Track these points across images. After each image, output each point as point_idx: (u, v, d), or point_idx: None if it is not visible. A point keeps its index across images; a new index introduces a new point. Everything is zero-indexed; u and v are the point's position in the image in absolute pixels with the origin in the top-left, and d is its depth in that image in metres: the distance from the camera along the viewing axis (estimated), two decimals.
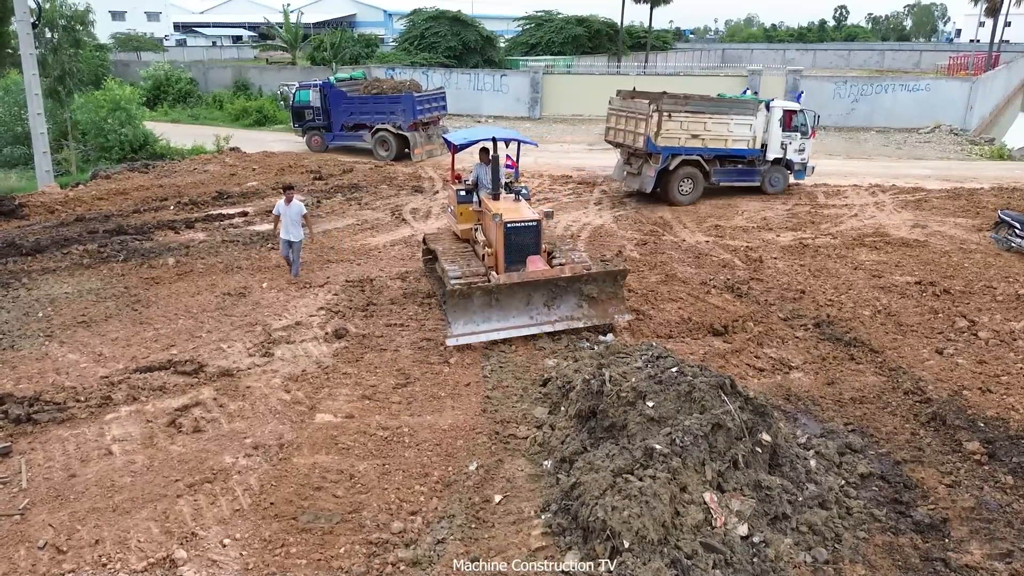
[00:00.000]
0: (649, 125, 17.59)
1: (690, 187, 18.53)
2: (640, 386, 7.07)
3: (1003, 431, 7.90)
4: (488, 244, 11.01)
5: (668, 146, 17.85)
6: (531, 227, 10.63)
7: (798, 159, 19.42)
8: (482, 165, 12.07)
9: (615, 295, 10.48)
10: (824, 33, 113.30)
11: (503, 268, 10.44)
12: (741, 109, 18.53)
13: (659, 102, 17.61)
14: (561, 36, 51.47)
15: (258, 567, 5.75)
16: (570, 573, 5.64)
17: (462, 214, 11.95)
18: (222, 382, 8.78)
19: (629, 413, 6.92)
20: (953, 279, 12.64)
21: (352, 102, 24.95)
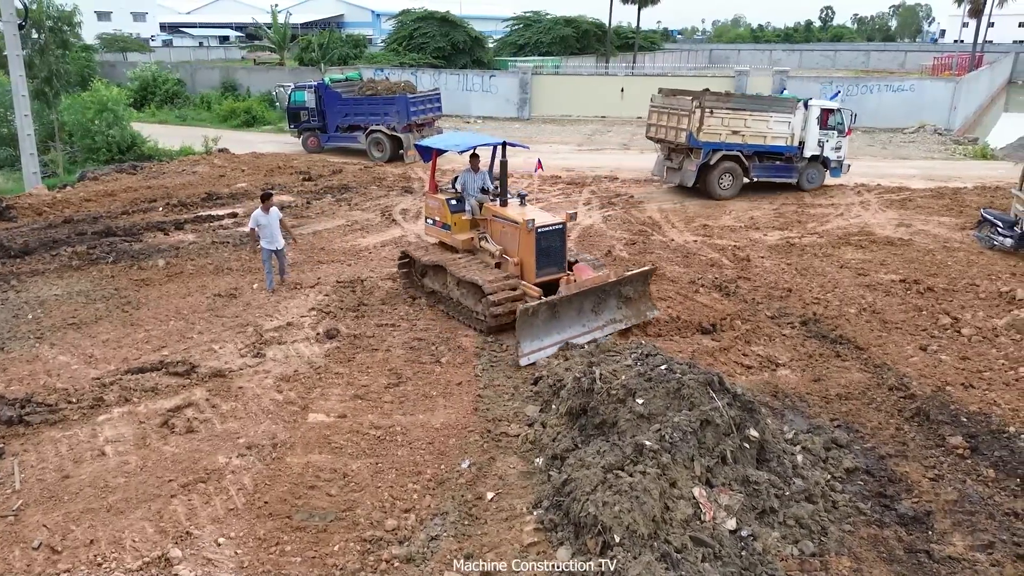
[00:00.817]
0: (692, 121, 18.25)
1: (730, 181, 19.13)
2: (630, 383, 7.17)
3: (985, 426, 8.06)
4: (507, 252, 10.65)
5: (709, 141, 18.45)
6: (558, 230, 10.47)
7: (834, 156, 19.93)
8: (470, 172, 11.71)
9: (645, 292, 10.60)
10: (810, 33, 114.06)
11: (534, 275, 10.32)
12: (780, 107, 19.16)
13: (702, 99, 18.27)
14: (549, 37, 51.56)
15: (253, 565, 5.80)
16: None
17: (456, 224, 11.39)
18: (214, 383, 8.82)
19: (619, 410, 7.01)
20: (937, 277, 12.83)
21: (347, 103, 24.92)
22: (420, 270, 11.91)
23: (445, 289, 11.20)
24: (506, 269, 10.55)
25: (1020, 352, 9.92)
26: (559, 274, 10.50)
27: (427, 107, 24.94)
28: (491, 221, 11.02)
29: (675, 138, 18.98)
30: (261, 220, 11.94)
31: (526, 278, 10.40)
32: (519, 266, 10.46)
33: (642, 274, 10.53)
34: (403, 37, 44.14)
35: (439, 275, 11.35)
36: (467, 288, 10.58)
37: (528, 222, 10.09)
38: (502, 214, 10.79)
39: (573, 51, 51.66)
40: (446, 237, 11.60)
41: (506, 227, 10.69)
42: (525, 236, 10.22)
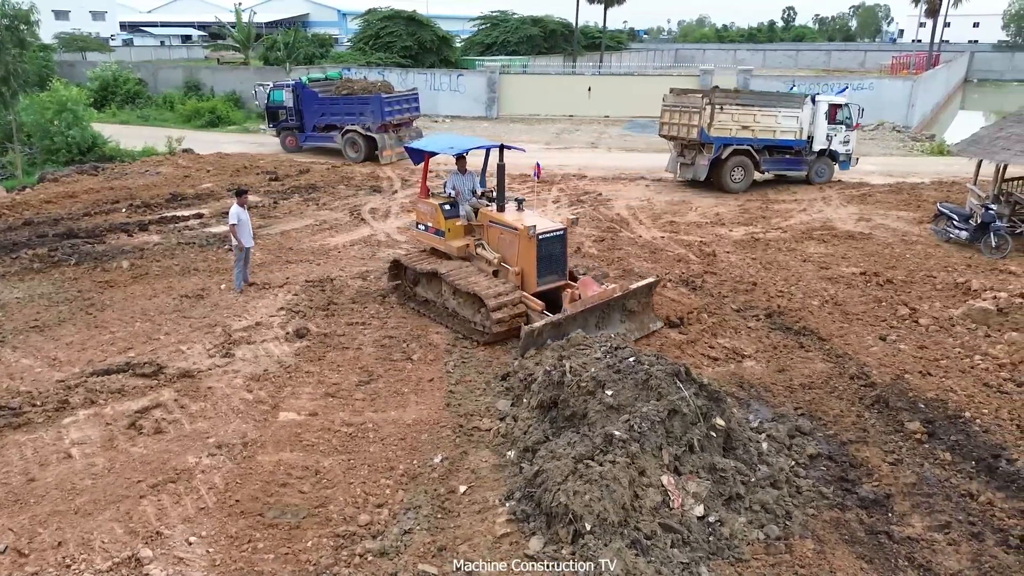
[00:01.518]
0: (703, 117, 18.98)
1: (741, 175, 19.84)
2: (600, 376, 7.28)
3: (942, 411, 8.33)
4: (506, 260, 10.21)
5: (720, 136, 19.18)
6: (559, 237, 10.06)
7: (843, 150, 20.65)
8: (457, 174, 11.29)
9: (648, 304, 10.34)
10: (773, 33, 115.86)
11: (535, 284, 9.94)
12: (788, 102, 19.89)
13: (712, 95, 19.10)
14: (516, 36, 51.64)
15: (225, 563, 5.78)
16: (534, 557, 5.80)
17: (450, 230, 10.86)
18: (182, 383, 8.74)
19: (589, 402, 7.12)
20: (896, 269, 13.18)
21: (323, 103, 24.65)
22: (412, 278, 11.45)
23: (440, 298, 10.77)
24: (505, 277, 10.14)
25: (975, 341, 10.26)
26: (560, 281, 10.18)
27: (403, 107, 24.46)
28: (487, 227, 10.57)
29: (687, 134, 19.73)
30: (242, 216, 11.87)
31: (526, 287, 10.00)
32: (519, 275, 10.03)
33: (646, 286, 10.27)
34: (369, 36, 43.88)
35: (433, 284, 10.90)
36: (465, 298, 10.16)
37: (529, 228, 9.67)
38: (500, 220, 10.34)
39: (540, 51, 51.82)
40: (439, 244, 11.01)
41: (504, 233, 10.22)
42: (525, 243, 9.78)
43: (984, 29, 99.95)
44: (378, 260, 13.75)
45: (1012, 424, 8.08)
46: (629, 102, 36.18)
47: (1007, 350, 9.89)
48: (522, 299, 9.78)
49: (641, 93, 36.74)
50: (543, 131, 32.03)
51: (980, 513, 6.62)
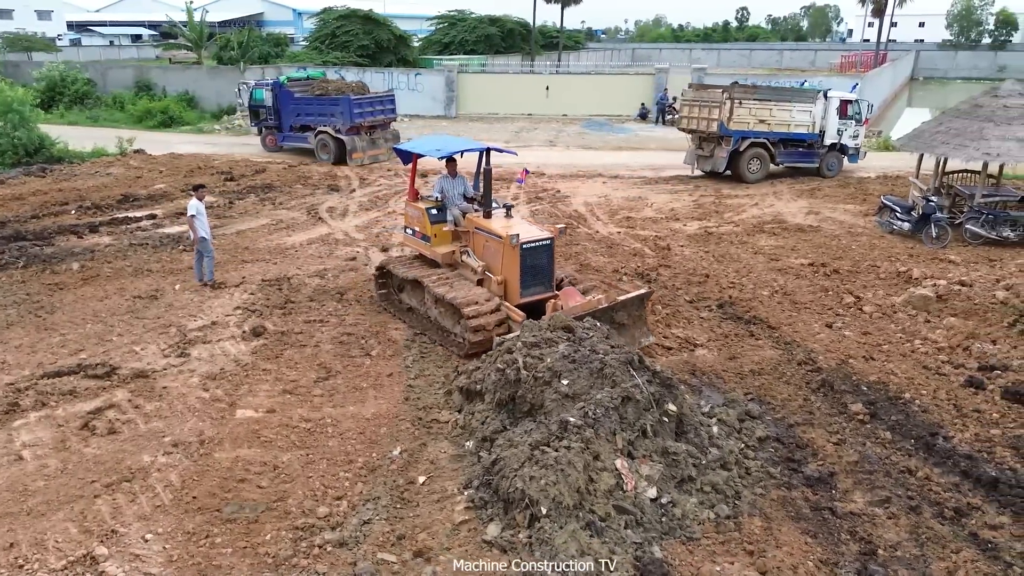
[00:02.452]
0: (722, 112, 20.09)
1: (758, 166, 20.86)
2: (555, 366, 7.42)
3: (883, 393, 8.68)
4: (490, 269, 9.77)
5: (738, 130, 20.28)
6: (545, 246, 9.54)
7: (852, 144, 21.58)
8: (446, 177, 10.78)
9: (640, 318, 9.73)
10: (728, 33, 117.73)
11: (518, 295, 9.46)
12: (802, 98, 20.93)
13: (731, 91, 20.20)
14: (474, 35, 51.72)
15: (182, 558, 5.78)
16: (492, 542, 5.92)
17: (436, 236, 10.46)
18: (136, 383, 8.64)
19: (545, 392, 7.26)
20: (842, 260, 13.63)
21: (299, 103, 24.23)
22: (398, 285, 11.05)
23: (423, 307, 10.39)
24: (488, 287, 9.68)
25: (915, 326, 10.69)
26: (545, 293, 9.62)
27: (376, 109, 23.79)
28: (474, 234, 10.11)
29: (706, 128, 20.71)
30: (201, 208, 12.02)
31: (510, 298, 9.51)
32: (502, 284, 9.56)
33: (637, 298, 9.66)
34: (325, 35, 43.52)
35: (417, 291, 10.51)
36: (445, 308, 9.78)
37: (512, 237, 9.18)
38: (485, 227, 9.84)
39: (498, 50, 51.98)
40: (425, 249, 10.66)
41: (489, 241, 9.75)
42: (509, 252, 9.32)
43: (930, 29, 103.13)
44: (335, 259, 13.73)
45: (949, 404, 8.47)
46: (586, 101, 36.57)
47: (945, 334, 10.33)
48: (503, 309, 9.32)
49: (598, 92, 37.23)
50: (502, 129, 32.15)
51: (918, 488, 6.94)
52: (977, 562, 5.97)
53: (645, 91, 36.12)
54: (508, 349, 7.87)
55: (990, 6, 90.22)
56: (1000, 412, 8.32)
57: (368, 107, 23.58)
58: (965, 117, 15.40)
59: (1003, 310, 11.12)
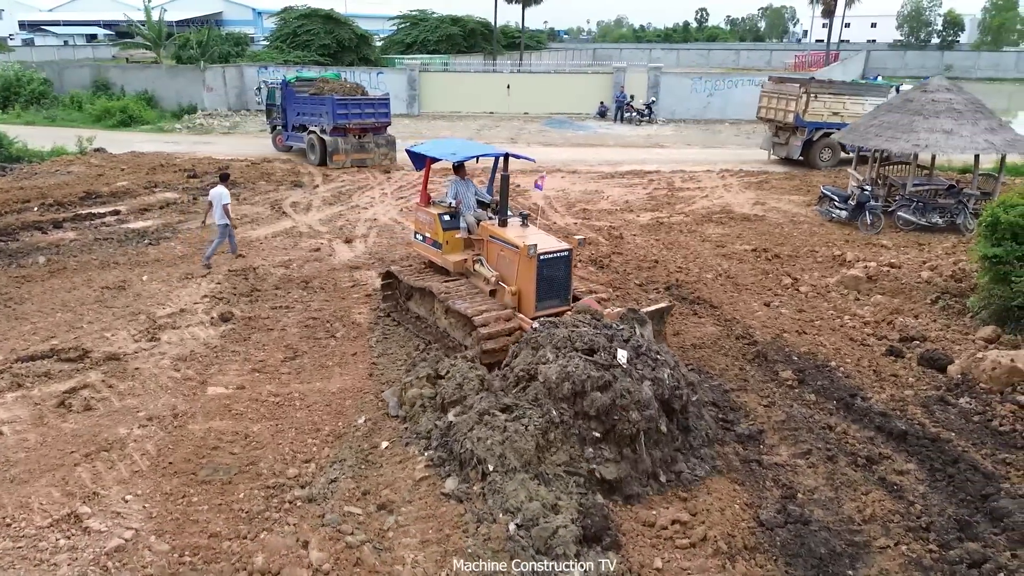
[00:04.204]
0: (799, 104, 22.16)
1: (829, 155, 22.59)
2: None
3: (812, 362, 9.45)
4: (504, 279, 9.33)
5: (813, 121, 22.39)
6: (563, 258, 9.10)
7: None
8: (460, 181, 10.32)
9: (659, 332, 9.36)
10: (688, 34, 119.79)
11: (533, 308, 9.01)
12: (875, 92, 22.85)
13: (808, 85, 22.03)
14: (436, 35, 52.13)
15: (161, 515, 6.22)
16: (450, 494, 6.49)
17: (448, 243, 10.03)
18: (109, 365, 9.00)
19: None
20: (783, 246, 14.47)
21: (298, 102, 24.01)
22: (405, 292, 10.68)
23: (432, 316, 10.04)
24: (501, 298, 9.29)
25: (846, 304, 11.52)
26: (561, 307, 9.19)
27: (365, 112, 22.94)
28: (488, 242, 9.66)
29: (783, 118, 22.59)
30: (226, 195, 13.07)
31: (524, 310, 9.07)
32: (516, 296, 9.15)
33: (657, 312, 9.36)
34: (286, 35, 43.59)
35: (426, 299, 10.11)
36: (456, 318, 9.42)
37: (529, 247, 8.76)
38: (500, 235, 9.39)
39: (460, 50, 52.44)
40: (436, 257, 10.23)
41: (504, 250, 9.31)
42: (525, 263, 8.91)
43: (881, 29, 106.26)
44: (300, 250, 14.15)
45: (870, 370, 9.27)
46: (547, 99, 37.29)
47: (872, 311, 11.17)
48: (516, 320, 8.93)
49: (559, 90, 37.97)
50: (464, 127, 32.67)
51: (836, 441, 7.68)
52: (883, 501, 6.70)
53: (604, 90, 36.97)
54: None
55: (938, 7, 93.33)
56: (915, 377, 9.14)
57: (356, 109, 22.82)
58: (897, 111, 16.38)
59: (926, 289, 12.03)
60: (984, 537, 6.17)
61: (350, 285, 12.24)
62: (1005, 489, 6.81)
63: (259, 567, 5.60)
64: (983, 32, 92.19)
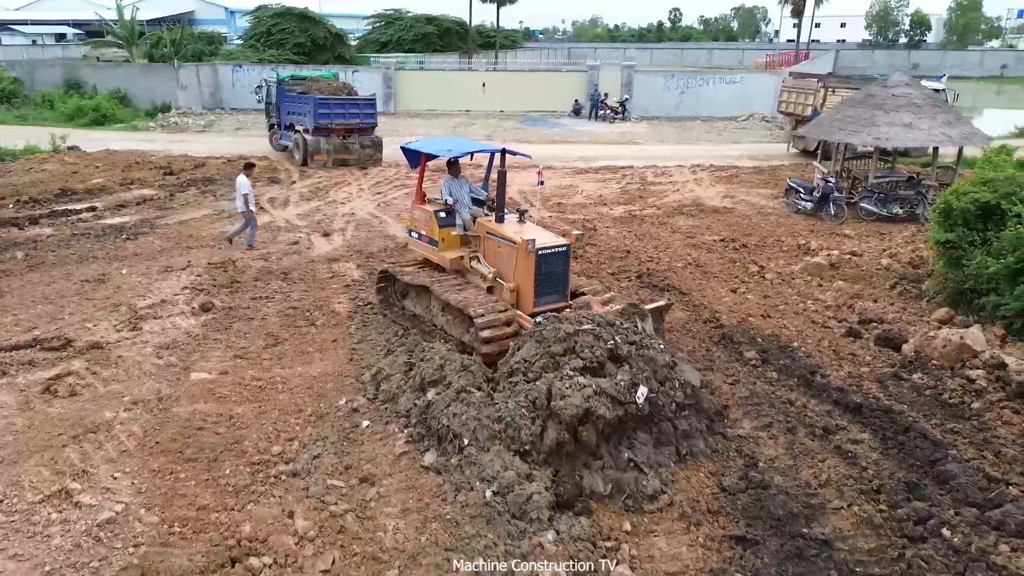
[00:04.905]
0: (816, 98, 22.91)
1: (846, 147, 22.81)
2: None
3: (775, 343, 9.88)
4: (501, 276, 9.27)
5: None
6: (562, 253, 9.05)
7: None
8: (452, 179, 10.38)
9: (658, 330, 9.37)
10: (663, 34, 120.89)
11: (532, 304, 8.95)
12: None
13: (826, 80, 23.32)
14: (411, 34, 52.32)
15: (150, 490, 6.45)
16: (429, 467, 6.79)
17: (444, 240, 9.99)
18: (92, 354, 9.16)
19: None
20: (751, 236, 14.94)
21: (288, 101, 23.75)
22: (401, 290, 10.71)
23: (429, 314, 10.00)
24: (499, 294, 9.23)
25: (809, 289, 11.99)
26: (560, 303, 9.15)
27: (349, 112, 22.64)
28: (485, 239, 9.60)
29: (802, 112, 23.49)
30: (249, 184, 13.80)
31: (523, 306, 9.00)
32: (515, 292, 9.08)
33: (657, 309, 9.45)
34: (261, 33, 43.53)
35: (423, 297, 10.11)
36: (454, 315, 9.36)
37: (528, 242, 8.69)
38: (498, 232, 9.35)
39: (435, 48, 52.67)
40: (432, 254, 10.22)
41: (502, 247, 9.26)
42: (523, 258, 8.84)
43: (851, 29, 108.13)
44: (279, 243, 14.34)
45: (829, 350, 9.72)
46: (523, 97, 37.64)
47: (834, 295, 11.65)
48: (516, 318, 8.83)
49: (534, 89, 38.34)
50: (440, 125, 32.91)
51: (796, 414, 8.09)
52: (838, 467, 7.12)
53: (579, 88, 37.41)
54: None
55: (906, 7, 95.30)
56: (872, 355, 9.61)
57: (339, 109, 22.50)
58: (859, 106, 16.95)
59: (886, 275, 12.54)
60: (931, 497, 6.60)
61: (329, 276, 12.48)
62: (951, 455, 7.26)
63: (247, 535, 5.86)
64: (949, 32, 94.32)
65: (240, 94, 37.87)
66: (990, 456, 7.29)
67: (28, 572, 5.42)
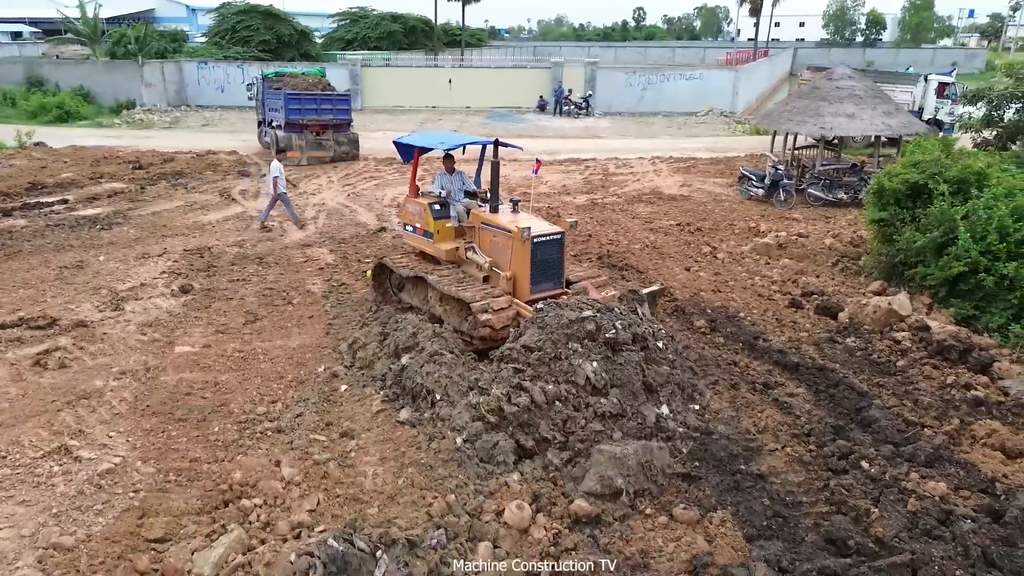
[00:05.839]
0: None
1: (862, 137, 23.12)
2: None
3: (723, 313, 10.66)
4: (497, 265, 9.41)
5: None
6: (556, 241, 9.26)
7: (947, 120, 24.72)
8: (444, 173, 10.59)
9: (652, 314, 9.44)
10: (627, 32, 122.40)
11: (528, 292, 9.10)
12: (905, 80, 24.94)
13: None
14: (377, 32, 52.51)
15: (145, 446, 6.95)
16: (404, 421, 7.40)
17: (440, 232, 10.12)
18: (78, 331, 9.57)
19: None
20: (705, 220, 15.77)
21: (268, 97, 23.57)
22: (397, 283, 10.86)
23: (426, 305, 10.08)
24: (496, 283, 9.35)
25: (757, 267, 12.83)
26: (555, 290, 9.31)
27: (322, 108, 22.48)
28: (480, 229, 9.79)
29: None
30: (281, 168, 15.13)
31: (519, 294, 9.13)
32: (511, 280, 9.23)
33: (651, 294, 9.71)
34: (225, 30, 43.46)
35: (419, 289, 10.24)
36: (451, 304, 9.45)
37: (523, 231, 8.84)
38: (493, 222, 9.55)
39: (401, 46, 52.93)
40: (427, 246, 10.34)
41: (497, 236, 9.44)
42: (519, 247, 9.01)
43: (809, 28, 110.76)
44: (252, 231, 14.77)
45: (772, 319, 10.54)
46: (489, 93, 38.22)
47: (780, 272, 12.50)
48: (513, 305, 8.95)
49: (500, 85, 38.95)
50: (407, 121, 33.36)
51: (740, 373, 8.86)
52: (775, 416, 7.89)
53: (543, 84, 38.13)
54: None
55: (861, 7, 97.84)
56: (812, 323, 10.45)
57: (311, 105, 22.35)
58: (806, 98, 17.91)
59: (829, 253, 13.45)
60: (854, 438, 7.40)
61: (303, 260, 12.98)
62: (875, 404, 8.08)
63: (238, 481, 6.40)
64: (903, 30, 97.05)
65: (206, 91, 37.92)
66: (909, 404, 8.14)
67: (37, 514, 5.90)
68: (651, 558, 5.89)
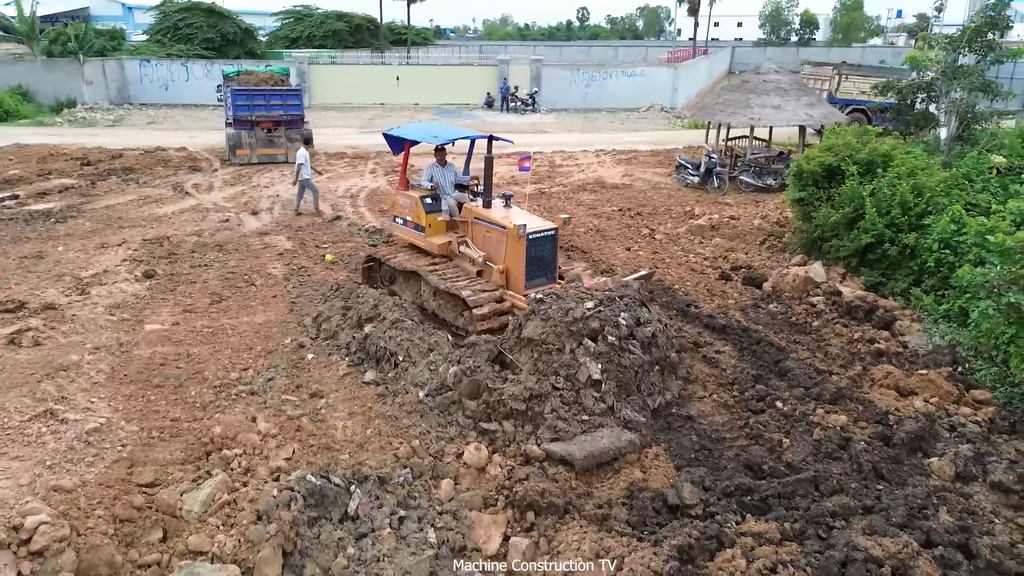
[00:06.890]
0: (831, 84, 26.36)
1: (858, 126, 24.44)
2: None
3: (660, 286, 11.60)
4: (491, 259, 9.59)
5: (844, 98, 26.12)
6: (550, 237, 9.50)
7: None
8: (436, 166, 10.76)
9: None
10: (572, 32, 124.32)
11: (522, 286, 9.31)
12: (897, 75, 24.95)
13: (839, 68, 26.07)
14: (322, 30, 52.50)
15: (126, 409, 7.46)
16: (369, 382, 8.07)
17: (431, 226, 10.25)
18: (47, 313, 9.92)
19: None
20: (645, 206, 16.77)
21: (229, 95, 22.74)
22: (388, 276, 10.98)
23: (419, 299, 10.23)
24: (489, 277, 9.55)
25: (691, 246, 13.85)
26: (548, 284, 9.49)
27: (272, 104, 22.07)
28: (472, 224, 9.94)
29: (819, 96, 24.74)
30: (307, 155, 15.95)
31: (513, 289, 9.37)
32: (504, 274, 9.43)
33: (641, 279, 10.09)
34: (167, 28, 42.99)
35: (411, 282, 10.40)
36: (446, 299, 9.64)
37: (519, 227, 9.04)
38: (486, 217, 9.72)
39: (346, 45, 53.01)
40: (419, 240, 10.41)
41: (491, 231, 9.62)
42: (514, 243, 9.18)
43: (747, 28, 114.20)
44: (210, 221, 15.15)
45: (704, 289, 11.55)
46: (436, 91, 38.81)
47: (712, 250, 13.54)
48: (508, 298, 9.23)
49: (448, 82, 39.58)
50: (356, 118, 33.73)
51: (674, 335, 9.76)
52: (704, 369, 8.82)
53: (490, 81, 38.91)
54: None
55: (795, 7, 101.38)
56: (739, 292, 11.48)
57: (259, 101, 21.86)
58: (737, 91, 19.10)
59: (757, 233, 14.55)
60: (772, 385, 8.37)
61: (262, 247, 13.46)
62: (792, 357, 9.09)
63: (218, 434, 6.98)
64: (835, 30, 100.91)
65: (149, 89, 37.55)
66: (821, 356, 9.19)
67: (32, 467, 6.39)
68: (593, 487, 6.71)
